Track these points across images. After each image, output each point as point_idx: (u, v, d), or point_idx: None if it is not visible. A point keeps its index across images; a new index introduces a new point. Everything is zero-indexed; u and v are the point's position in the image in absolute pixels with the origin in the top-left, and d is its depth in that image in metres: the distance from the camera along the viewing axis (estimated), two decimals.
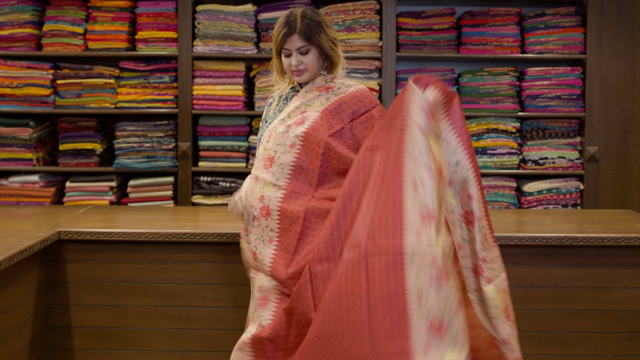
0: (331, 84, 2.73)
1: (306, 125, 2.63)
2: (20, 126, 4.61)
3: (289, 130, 2.64)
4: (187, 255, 3.21)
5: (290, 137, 2.63)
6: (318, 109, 2.66)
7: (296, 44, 2.64)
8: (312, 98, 2.71)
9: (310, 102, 2.70)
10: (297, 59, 2.66)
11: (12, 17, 4.63)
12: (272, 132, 2.69)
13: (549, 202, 4.65)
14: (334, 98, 2.69)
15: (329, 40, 2.66)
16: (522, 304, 3.18)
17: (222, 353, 3.21)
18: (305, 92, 2.74)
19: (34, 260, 3.08)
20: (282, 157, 2.63)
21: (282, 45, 2.66)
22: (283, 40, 2.65)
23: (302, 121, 2.64)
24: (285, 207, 2.58)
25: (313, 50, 2.66)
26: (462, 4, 4.85)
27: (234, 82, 4.65)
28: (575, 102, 4.68)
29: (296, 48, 2.65)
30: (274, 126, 2.70)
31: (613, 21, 4.65)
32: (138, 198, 4.66)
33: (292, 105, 2.72)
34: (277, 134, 2.67)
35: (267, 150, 2.68)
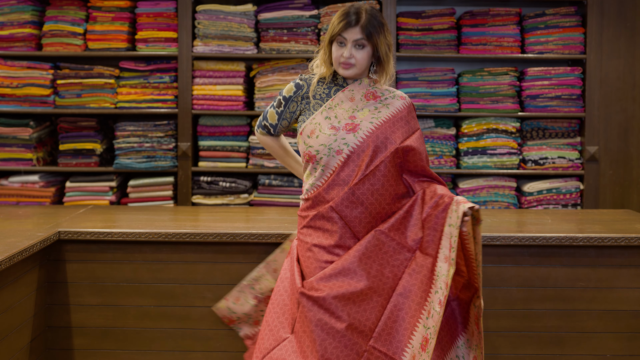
0: (377, 91, 2.68)
1: (359, 137, 2.59)
2: (20, 126, 4.61)
3: (337, 134, 2.59)
4: (187, 255, 3.21)
5: (339, 143, 2.59)
6: (371, 121, 2.61)
7: (355, 35, 2.60)
8: (360, 102, 2.65)
9: (359, 107, 2.64)
10: (350, 51, 2.60)
11: (12, 17, 4.63)
12: (315, 128, 2.63)
13: (549, 202, 4.65)
14: (386, 112, 2.64)
15: (386, 44, 2.63)
16: (522, 304, 3.18)
17: (222, 353, 3.22)
18: (352, 91, 2.67)
19: (34, 260, 3.08)
20: (325, 159, 2.60)
21: (340, 32, 2.59)
22: (343, 29, 2.59)
23: (354, 129, 2.60)
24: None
25: (368, 49, 2.62)
26: (462, 4, 4.85)
27: (234, 82, 4.65)
28: (575, 102, 4.68)
29: (353, 39, 2.60)
30: (319, 122, 2.63)
31: (613, 21, 4.65)
32: (138, 198, 4.66)
33: (337, 101, 2.66)
34: (322, 133, 2.60)
35: (308, 147, 2.62)
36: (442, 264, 2.49)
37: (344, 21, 2.60)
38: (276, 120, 2.76)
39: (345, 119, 2.61)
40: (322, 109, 2.65)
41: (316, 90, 2.69)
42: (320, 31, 4.65)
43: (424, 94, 4.67)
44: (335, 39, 2.61)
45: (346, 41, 2.60)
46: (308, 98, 2.69)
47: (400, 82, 4.69)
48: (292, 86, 2.72)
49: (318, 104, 2.67)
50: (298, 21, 4.62)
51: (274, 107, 2.76)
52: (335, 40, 2.62)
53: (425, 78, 4.68)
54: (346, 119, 2.61)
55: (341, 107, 2.64)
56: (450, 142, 4.69)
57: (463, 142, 4.70)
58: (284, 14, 4.62)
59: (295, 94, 2.71)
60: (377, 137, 2.58)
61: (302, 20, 4.62)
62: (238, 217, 3.61)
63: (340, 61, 2.62)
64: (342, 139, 2.58)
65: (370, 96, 2.67)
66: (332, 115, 2.63)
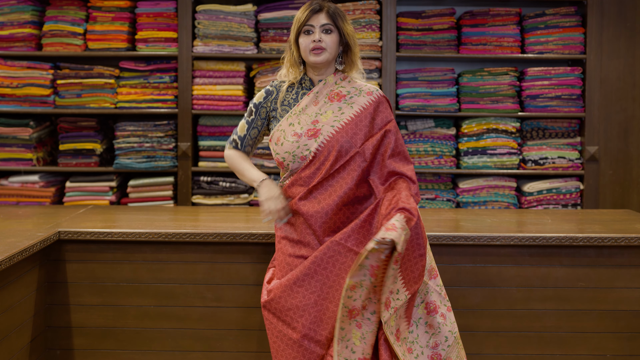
0: (342, 89, 2.70)
1: (319, 142, 2.63)
2: (20, 126, 4.61)
3: (300, 141, 2.64)
4: (187, 255, 3.21)
5: (302, 149, 2.64)
6: (332, 124, 2.64)
7: (322, 20, 2.65)
8: (324, 105, 2.68)
9: (322, 110, 2.67)
10: (319, 35, 2.64)
11: (12, 17, 4.63)
12: (281, 135, 2.68)
13: (549, 202, 4.65)
14: (349, 112, 2.66)
15: (351, 31, 2.69)
16: (522, 304, 3.18)
17: (222, 353, 3.22)
18: (316, 93, 2.71)
19: (34, 260, 3.08)
20: (292, 165, 2.67)
21: (307, 21, 2.65)
22: (309, 16, 2.65)
23: (315, 134, 2.64)
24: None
25: (335, 34, 2.66)
26: (462, 4, 4.85)
27: (234, 82, 4.65)
28: (575, 102, 4.67)
29: (321, 24, 2.65)
30: (283, 129, 2.68)
31: (613, 21, 4.65)
32: (138, 198, 4.66)
33: (302, 106, 2.69)
34: (286, 141, 2.66)
35: (276, 154, 2.70)
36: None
37: (308, 9, 2.66)
38: (245, 130, 2.80)
39: (308, 124, 2.66)
40: (287, 115, 2.70)
41: (285, 97, 2.75)
42: None
43: (424, 94, 4.67)
44: (302, 29, 2.66)
45: (314, 28, 2.65)
46: (276, 105, 2.74)
47: (400, 82, 4.69)
48: (262, 93, 2.79)
49: (285, 110, 2.73)
50: None
51: (244, 117, 2.81)
52: (302, 31, 2.67)
53: (425, 78, 4.68)
54: (309, 124, 2.66)
55: (305, 112, 2.68)
56: (450, 142, 4.69)
57: (463, 142, 4.70)
58: (284, 14, 4.62)
59: (265, 100, 2.77)
60: (337, 141, 2.62)
61: None
62: (238, 217, 3.61)
63: (310, 47, 2.65)
64: (305, 145, 2.64)
65: (334, 97, 2.69)
66: (296, 122, 2.68)
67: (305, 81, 2.75)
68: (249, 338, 3.21)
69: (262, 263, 3.18)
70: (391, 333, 2.50)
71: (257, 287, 3.19)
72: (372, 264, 2.44)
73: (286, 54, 2.76)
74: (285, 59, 2.77)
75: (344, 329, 2.49)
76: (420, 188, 4.69)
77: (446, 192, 4.69)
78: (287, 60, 2.75)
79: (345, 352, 2.49)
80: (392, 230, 2.41)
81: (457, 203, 4.69)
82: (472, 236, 3.11)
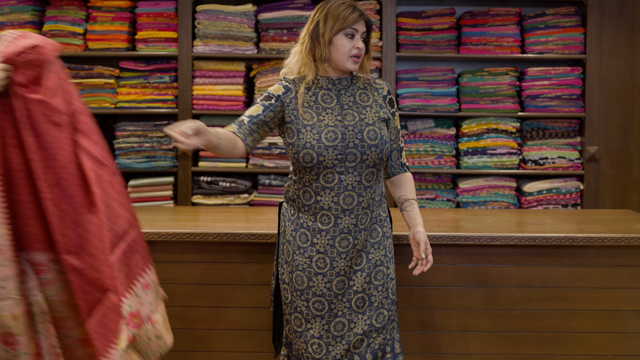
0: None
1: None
2: None
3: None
4: (187, 255, 3.21)
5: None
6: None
7: (362, 28, 2.60)
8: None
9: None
10: (362, 43, 2.60)
11: (12, 17, 4.63)
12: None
13: (549, 202, 4.65)
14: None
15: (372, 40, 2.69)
16: (522, 304, 3.18)
17: (222, 353, 3.21)
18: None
19: None
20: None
21: (352, 24, 2.56)
22: (356, 20, 2.57)
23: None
24: None
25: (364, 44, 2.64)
26: (462, 4, 4.85)
27: (234, 82, 4.65)
28: (575, 102, 4.68)
29: (362, 31, 2.60)
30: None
31: (613, 21, 4.65)
32: (138, 198, 4.66)
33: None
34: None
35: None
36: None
37: (356, 12, 2.57)
38: (260, 111, 2.60)
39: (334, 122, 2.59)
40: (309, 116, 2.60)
41: (304, 97, 2.63)
42: None
43: (424, 94, 4.67)
44: (345, 30, 2.57)
45: (356, 32, 2.58)
46: (296, 105, 2.62)
47: (400, 82, 4.69)
48: (280, 87, 2.65)
49: (307, 112, 2.61)
50: (298, 21, 4.62)
51: (258, 102, 2.64)
52: (345, 33, 2.57)
53: (425, 78, 4.69)
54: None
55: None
56: (450, 142, 4.69)
57: (463, 142, 4.70)
58: (284, 14, 4.62)
59: (285, 95, 2.63)
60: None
61: (302, 20, 4.62)
62: (238, 217, 3.61)
63: (352, 53, 2.58)
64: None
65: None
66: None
67: (320, 80, 2.65)
68: (249, 338, 3.21)
69: (262, 263, 3.18)
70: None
71: (257, 287, 3.19)
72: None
73: (301, 48, 2.64)
74: (302, 52, 2.64)
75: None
76: (420, 188, 4.69)
77: (446, 192, 4.70)
78: (305, 57, 2.63)
79: None
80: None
81: (457, 203, 4.69)
82: (472, 236, 3.11)
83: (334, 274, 2.63)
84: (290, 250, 2.67)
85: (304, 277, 2.64)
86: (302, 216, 2.65)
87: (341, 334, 2.64)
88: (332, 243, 2.62)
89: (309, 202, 2.62)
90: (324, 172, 2.58)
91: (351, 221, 2.61)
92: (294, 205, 2.67)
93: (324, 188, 2.59)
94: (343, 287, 2.63)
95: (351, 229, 2.62)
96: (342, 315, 2.64)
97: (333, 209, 2.60)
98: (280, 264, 2.72)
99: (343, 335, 2.64)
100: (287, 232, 2.68)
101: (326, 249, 2.62)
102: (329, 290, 2.63)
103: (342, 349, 2.63)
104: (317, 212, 2.61)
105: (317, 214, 2.62)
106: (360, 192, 2.60)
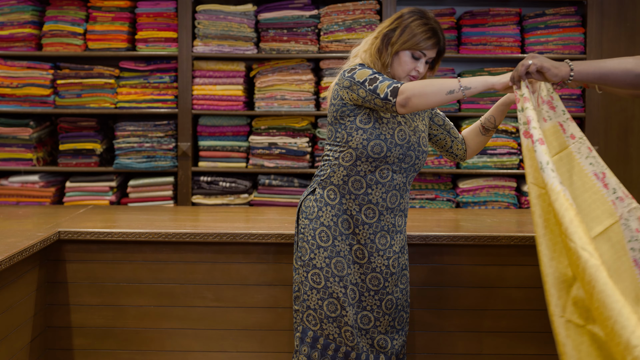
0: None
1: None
2: (20, 126, 4.61)
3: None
4: (187, 255, 3.21)
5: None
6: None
7: (432, 54, 2.63)
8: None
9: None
10: (423, 67, 2.63)
11: (12, 17, 4.63)
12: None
13: None
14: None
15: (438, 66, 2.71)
16: (523, 303, 3.18)
17: (222, 353, 3.22)
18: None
19: (34, 260, 3.08)
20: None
21: (424, 49, 2.60)
22: (431, 47, 2.60)
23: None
24: None
25: (428, 65, 2.67)
26: (462, 4, 4.85)
27: (234, 82, 4.65)
28: (575, 102, 4.68)
29: (430, 57, 2.63)
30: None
31: (613, 21, 4.65)
32: (138, 198, 4.66)
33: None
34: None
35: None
36: None
37: (432, 40, 2.60)
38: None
39: (403, 123, 2.67)
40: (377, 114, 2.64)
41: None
42: (320, 31, 4.65)
43: None
44: (413, 50, 2.60)
45: (424, 57, 2.62)
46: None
47: None
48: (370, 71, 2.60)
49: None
50: (298, 21, 4.62)
51: (380, 79, 2.54)
52: (412, 52, 2.61)
53: None
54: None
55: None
56: None
57: None
58: (284, 14, 4.62)
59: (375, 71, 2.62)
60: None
61: (302, 20, 4.62)
62: (238, 217, 3.61)
63: (411, 74, 2.62)
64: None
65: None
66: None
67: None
68: (249, 338, 3.21)
69: (262, 263, 3.18)
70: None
71: (257, 287, 3.19)
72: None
73: (373, 43, 2.64)
74: (371, 47, 2.64)
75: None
76: (420, 188, 4.69)
77: (446, 192, 4.70)
78: (373, 54, 2.63)
79: None
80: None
81: (457, 203, 4.69)
82: (472, 236, 3.11)
83: (370, 269, 2.66)
84: (330, 236, 2.65)
85: (344, 264, 2.64)
86: (346, 203, 2.65)
87: (367, 327, 2.67)
88: (372, 238, 2.65)
89: (358, 192, 2.64)
90: (382, 167, 2.63)
91: (391, 220, 2.67)
92: (336, 191, 2.66)
93: (377, 182, 2.63)
94: (377, 284, 2.66)
95: (390, 228, 2.67)
96: (370, 310, 2.67)
97: (380, 205, 2.64)
98: (311, 249, 2.66)
99: (368, 330, 2.67)
100: (324, 216, 2.66)
101: (366, 242, 2.65)
102: (363, 282, 2.66)
103: (366, 343, 2.66)
104: (364, 204, 2.64)
105: (363, 205, 2.64)
106: (403, 193, 2.68)
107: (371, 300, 2.66)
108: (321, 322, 2.64)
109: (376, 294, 2.66)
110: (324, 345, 2.64)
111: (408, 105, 2.48)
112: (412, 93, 2.47)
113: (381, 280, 2.66)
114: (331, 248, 2.65)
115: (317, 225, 2.66)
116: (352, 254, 2.66)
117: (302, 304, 2.67)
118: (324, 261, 2.64)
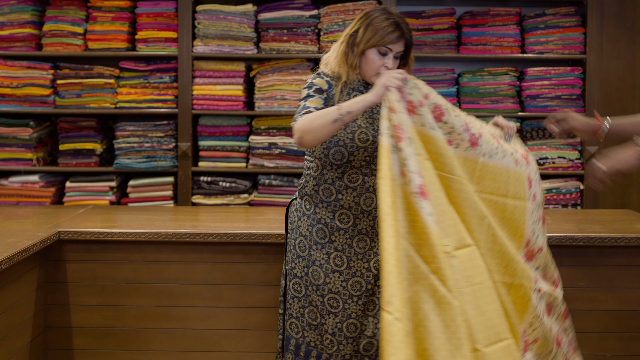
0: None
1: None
2: (20, 126, 4.61)
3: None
4: (187, 255, 3.21)
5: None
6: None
7: (399, 48, 2.59)
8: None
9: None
10: (392, 62, 2.58)
11: (12, 17, 4.63)
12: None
13: (549, 202, 4.65)
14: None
15: (412, 57, 2.66)
16: None
17: (222, 353, 3.22)
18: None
19: (34, 260, 3.08)
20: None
21: (389, 43, 2.55)
22: (395, 40, 2.56)
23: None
24: None
25: (398, 60, 2.62)
26: (462, 4, 4.85)
27: (234, 82, 4.65)
28: (576, 102, 4.68)
29: (397, 51, 2.59)
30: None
31: (613, 21, 4.65)
32: (138, 198, 4.66)
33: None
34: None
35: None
36: None
37: (396, 33, 2.56)
38: (321, 104, 2.56)
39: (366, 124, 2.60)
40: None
41: (340, 96, 2.62)
42: (320, 31, 4.65)
43: None
44: (378, 47, 2.57)
45: (390, 52, 2.58)
46: (333, 102, 2.61)
47: None
48: (323, 81, 2.62)
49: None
50: (298, 21, 4.62)
51: (314, 95, 2.57)
52: (377, 49, 2.57)
53: (425, 78, 4.68)
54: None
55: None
56: None
57: None
58: (284, 14, 4.62)
59: (328, 90, 2.63)
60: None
61: (302, 20, 4.62)
62: (238, 217, 3.61)
63: (380, 71, 2.56)
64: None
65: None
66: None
67: (354, 82, 2.65)
68: (249, 338, 3.21)
69: (262, 263, 3.18)
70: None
71: (257, 287, 3.19)
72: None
73: (339, 48, 2.63)
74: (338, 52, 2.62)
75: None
76: None
77: None
78: (340, 59, 2.62)
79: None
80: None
81: None
82: None
83: (350, 274, 2.65)
84: (307, 245, 2.67)
85: (320, 273, 2.65)
86: (320, 212, 2.65)
87: (353, 335, 2.65)
88: (350, 242, 2.65)
89: (328, 199, 2.64)
90: (349, 172, 2.61)
91: (369, 223, 2.65)
92: (310, 201, 2.68)
93: (346, 187, 2.62)
94: (359, 288, 2.65)
95: (369, 230, 2.65)
96: (355, 317, 2.65)
97: (353, 209, 2.63)
98: (292, 258, 2.70)
99: (355, 337, 2.65)
100: (302, 226, 2.68)
101: (344, 247, 2.65)
102: (345, 289, 2.65)
103: (351, 350, 2.66)
104: (337, 210, 2.63)
105: (336, 211, 2.64)
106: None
107: (355, 306, 2.65)
108: (303, 329, 2.67)
109: (359, 299, 2.65)
110: (305, 352, 2.67)
111: (303, 144, 2.46)
112: (303, 131, 2.44)
113: (363, 284, 2.65)
114: (308, 257, 2.66)
115: (296, 235, 2.69)
116: (331, 262, 2.65)
117: (286, 312, 2.72)
118: (303, 270, 2.67)
